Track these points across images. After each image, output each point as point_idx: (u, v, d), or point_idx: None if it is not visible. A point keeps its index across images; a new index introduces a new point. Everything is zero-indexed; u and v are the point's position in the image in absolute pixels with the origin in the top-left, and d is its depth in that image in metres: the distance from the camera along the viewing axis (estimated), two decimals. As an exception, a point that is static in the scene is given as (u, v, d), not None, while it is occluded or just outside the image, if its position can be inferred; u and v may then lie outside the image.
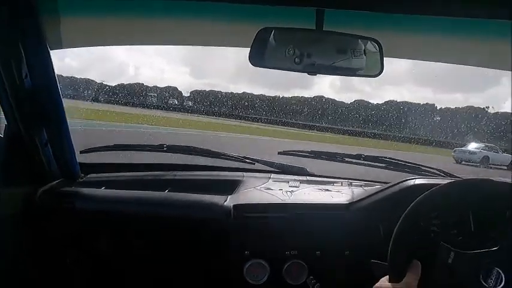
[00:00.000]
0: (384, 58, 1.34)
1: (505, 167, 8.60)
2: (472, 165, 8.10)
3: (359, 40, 1.34)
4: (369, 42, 1.33)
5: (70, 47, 1.78)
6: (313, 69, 1.34)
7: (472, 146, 9.16)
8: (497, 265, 1.12)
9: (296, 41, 1.32)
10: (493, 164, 8.68)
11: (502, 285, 1.10)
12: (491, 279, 1.11)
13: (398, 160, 2.04)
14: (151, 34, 1.85)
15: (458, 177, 1.78)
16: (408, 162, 2.02)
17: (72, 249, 1.71)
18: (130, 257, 1.72)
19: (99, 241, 1.70)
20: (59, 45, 1.67)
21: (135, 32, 1.82)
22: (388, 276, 1.15)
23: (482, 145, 9.22)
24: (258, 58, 1.34)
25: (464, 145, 9.29)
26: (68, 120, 1.70)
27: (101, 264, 1.76)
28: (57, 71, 1.58)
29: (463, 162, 8.16)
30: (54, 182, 1.73)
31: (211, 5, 1.41)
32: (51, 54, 1.56)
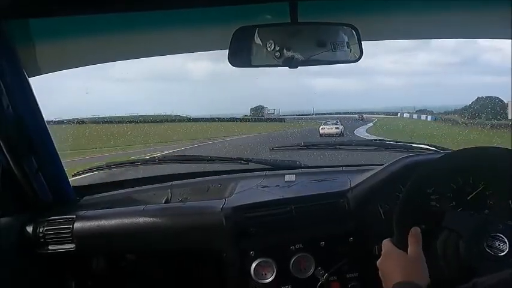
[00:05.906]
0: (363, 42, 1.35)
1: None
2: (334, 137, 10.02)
3: (337, 29, 1.34)
4: (346, 29, 1.34)
5: (48, 72, 1.76)
6: (294, 62, 1.34)
7: (333, 122, 11.35)
8: (499, 231, 1.12)
9: (273, 37, 1.32)
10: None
11: (506, 251, 1.09)
12: (495, 245, 1.10)
13: (389, 141, 2.06)
14: (125, 49, 1.84)
15: (449, 150, 1.80)
16: (399, 142, 2.04)
17: (73, 274, 1.69)
18: (134, 272, 1.71)
19: (102, 262, 1.69)
20: (37, 72, 1.66)
21: (110, 48, 1.81)
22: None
23: (335, 121, 11.54)
24: (237, 58, 1.35)
25: (326, 122, 11.44)
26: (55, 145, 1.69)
27: (104, 285, 1.74)
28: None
29: (324, 135, 10.23)
30: (50, 209, 1.71)
31: (184, 11, 1.40)
32: (30, 81, 1.54)
